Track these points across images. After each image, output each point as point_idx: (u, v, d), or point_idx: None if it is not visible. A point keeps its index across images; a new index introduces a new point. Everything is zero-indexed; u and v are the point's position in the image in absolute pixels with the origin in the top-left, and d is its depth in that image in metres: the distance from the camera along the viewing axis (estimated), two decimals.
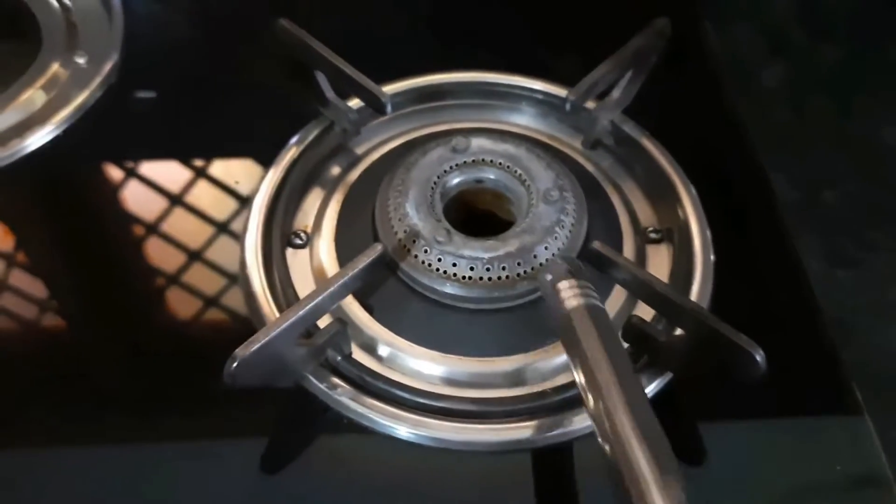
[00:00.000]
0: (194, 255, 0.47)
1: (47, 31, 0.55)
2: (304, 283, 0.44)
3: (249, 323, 0.42)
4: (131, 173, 0.50)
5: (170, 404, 0.41)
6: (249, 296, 0.43)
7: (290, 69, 0.48)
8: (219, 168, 0.51)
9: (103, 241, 0.48)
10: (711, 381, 0.41)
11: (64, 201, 0.50)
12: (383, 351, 0.41)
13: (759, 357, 0.35)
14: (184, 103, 0.54)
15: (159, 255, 0.47)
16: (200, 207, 0.49)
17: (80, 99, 0.52)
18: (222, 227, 0.48)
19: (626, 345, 0.41)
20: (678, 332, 0.40)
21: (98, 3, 0.57)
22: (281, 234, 0.45)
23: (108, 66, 0.54)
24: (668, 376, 0.40)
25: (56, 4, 0.57)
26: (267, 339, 0.36)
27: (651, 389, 0.40)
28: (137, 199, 0.49)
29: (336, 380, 0.40)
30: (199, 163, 0.51)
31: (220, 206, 0.49)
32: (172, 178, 0.50)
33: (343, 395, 0.39)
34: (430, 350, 0.41)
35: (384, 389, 0.40)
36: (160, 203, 0.49)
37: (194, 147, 0.52)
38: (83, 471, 0.38)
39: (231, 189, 0.49)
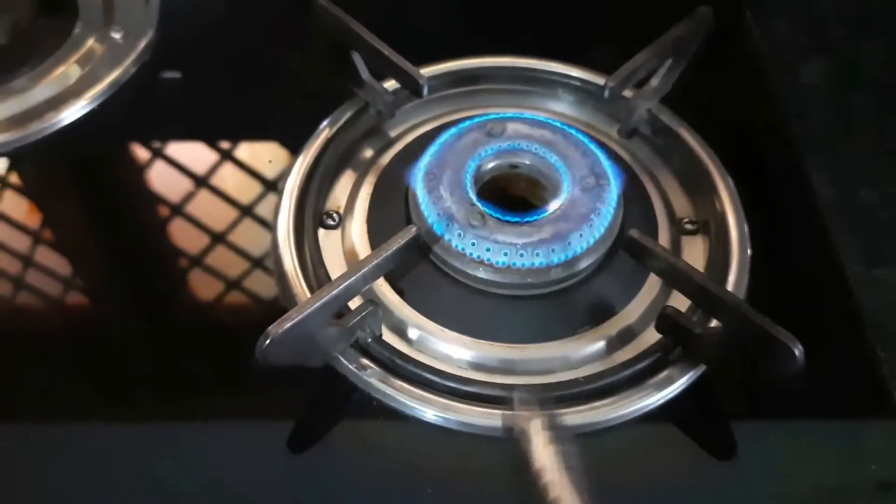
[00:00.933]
0: (225, 235, 0.46)
1: (84, 5, 0.55)
2: (335, 265, 0.44)
3: (280, 303, 0.42)
4: (164, 151, 0.50)
5: (198, 383, 0.41)
6: (281, 276, 0.42)
7: (326, 49, 0.48)
8: (252, 148, 0.51)
9: (135, 218, 0.48)
10: (745, 376, 0.40)
11: (97, 176, 0.50)
12: (413, 334, 0.41)
13: (798, 351, 0.35)
14: (218, 82, 0.54)
15: (190, 234, 0.47)
16: (232, 187, 0.48)
17: (115, 75, 0.52)
18: (253, 207, 0.47)
19: (659, 336, 0.40)
20: (713, 323, 0.40)
21: None
22: (313, 215, 0.45)
23: (143, 43, 0.53)
24: (701, 368, 0.40)
25: None
26: (300, 317, 0.36)
27: (684, 382, 0.40)
28: (168, 177, 0.49)
29: (366, 361, 0.39)
30: (231, 142, 0.51)
31: (251, 186, 0.48)
32: (204, 158, 0.50)
33: (372, 377, 0.39)
34: (460, 335, 0.41)
35: (413, 372, 0.39)
36: (191, 182, 0.49)
37: (227, 126, 0.52)
38: (113, 449, 0.38)
39: (263, 169, 0.49)
